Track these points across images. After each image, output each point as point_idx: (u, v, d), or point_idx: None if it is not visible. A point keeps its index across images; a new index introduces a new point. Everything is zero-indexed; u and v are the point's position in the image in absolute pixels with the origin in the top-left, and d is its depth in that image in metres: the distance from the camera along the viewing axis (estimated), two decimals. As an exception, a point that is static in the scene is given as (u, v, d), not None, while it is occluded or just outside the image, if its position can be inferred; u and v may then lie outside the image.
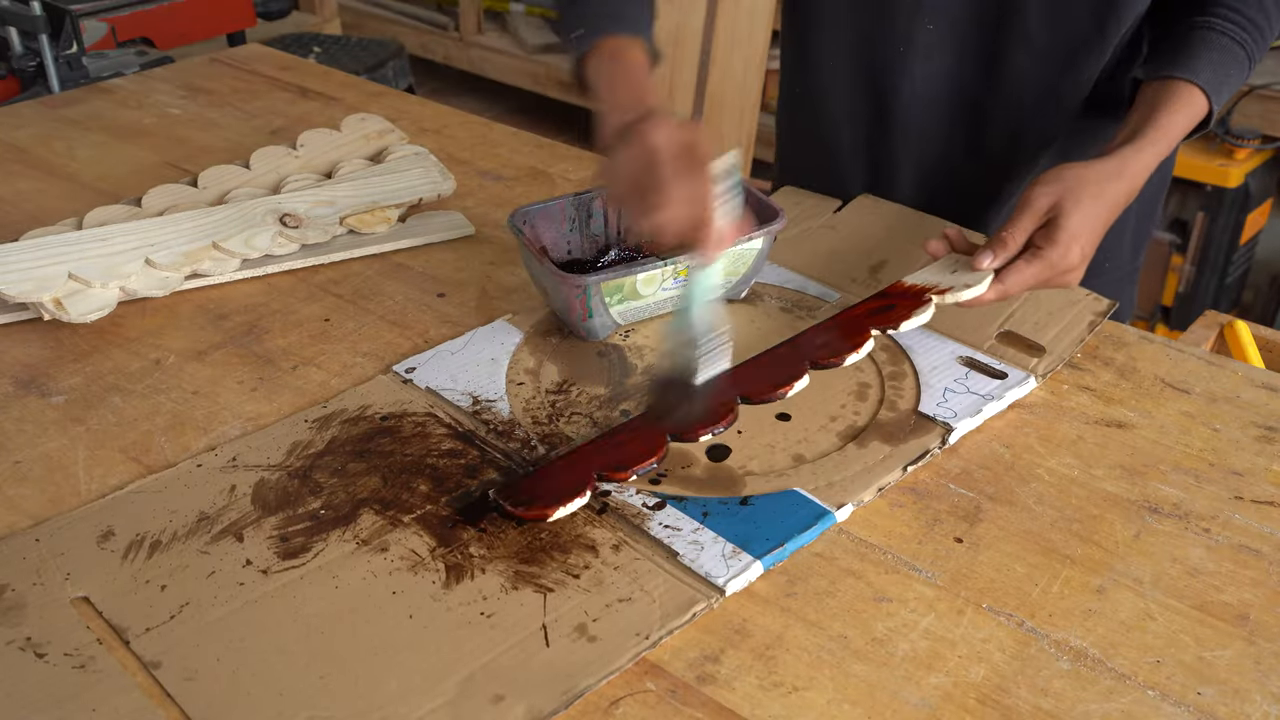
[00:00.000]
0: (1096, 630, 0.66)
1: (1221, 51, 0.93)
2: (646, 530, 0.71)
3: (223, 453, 0.78)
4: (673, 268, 0.88)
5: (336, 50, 2.73)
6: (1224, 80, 0.92)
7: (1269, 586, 0.69)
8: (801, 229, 1.06)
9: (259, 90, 1.41)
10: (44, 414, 0.82)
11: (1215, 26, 0.93)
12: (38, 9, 1.83)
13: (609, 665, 0.62)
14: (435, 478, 0.76)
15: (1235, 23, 0.93)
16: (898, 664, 0.63)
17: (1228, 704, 0.61)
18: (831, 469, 0.77)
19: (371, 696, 0.60)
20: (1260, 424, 0.83)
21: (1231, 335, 1.37)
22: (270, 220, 1.02)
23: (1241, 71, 0.94)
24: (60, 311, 0.90)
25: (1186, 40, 0.94)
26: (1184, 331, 1.47)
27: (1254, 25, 0.94)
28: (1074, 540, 0.72)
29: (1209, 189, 2.46)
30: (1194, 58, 0.92)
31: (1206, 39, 0.93)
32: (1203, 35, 0.93)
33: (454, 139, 1.28)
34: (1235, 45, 0.93)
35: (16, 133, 1.28)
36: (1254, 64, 0.95)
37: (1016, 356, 0.88)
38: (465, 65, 3.79)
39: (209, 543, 0.70)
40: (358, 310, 0.95)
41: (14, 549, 0.69)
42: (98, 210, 1.05)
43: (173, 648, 0.63)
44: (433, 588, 0.67)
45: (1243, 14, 0.93)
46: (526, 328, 0.92)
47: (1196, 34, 0.94)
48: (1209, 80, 0.91)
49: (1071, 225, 0.84)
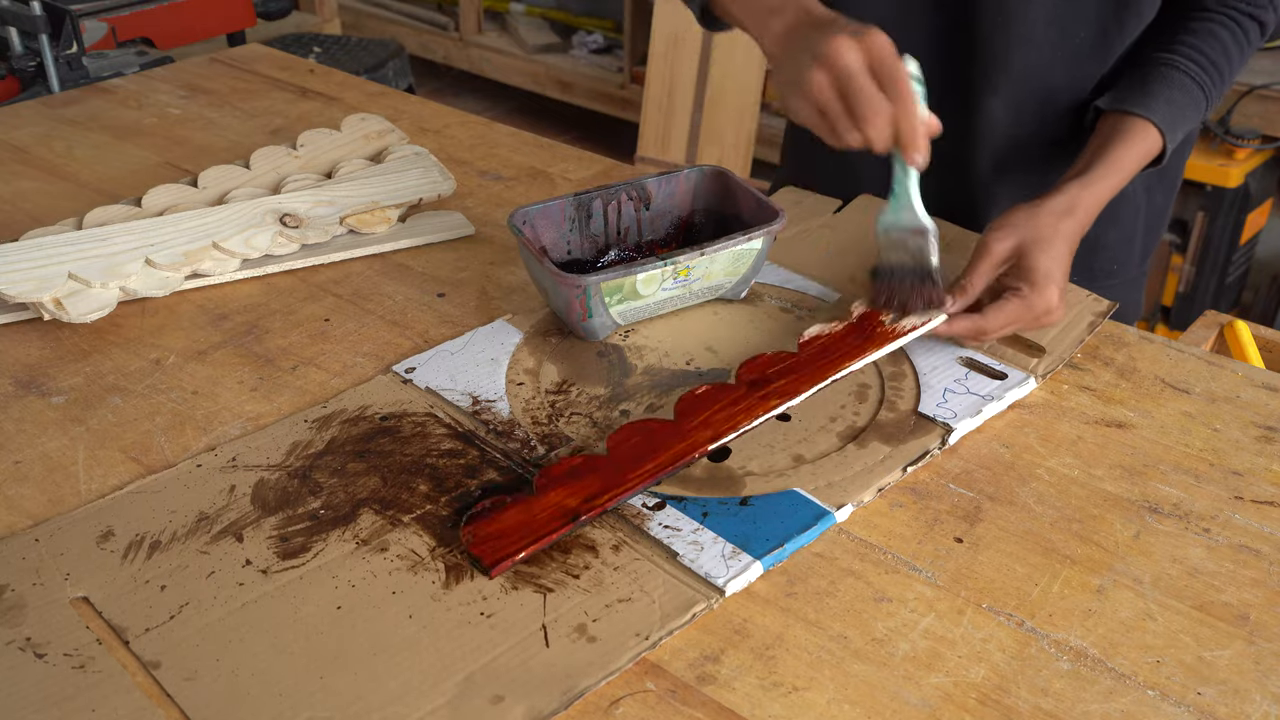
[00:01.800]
0: (1096, 630, 0.66)
1: (1181, 91, 0.94)
2: (646, 530, 0.71)
3: (222, 453, 0.78)
4: (672, 268, 0.88)
5: (336, 50, 2.73)
6: (1179, 119, 0.94)
7: (1269, 586, 0.69)
8: (801, 229, 1.06)
9: (259, 90, 1.41)
10: (44, 414, 0.82)
11: (1177, 65, 0.94)
12: (38, 9, 1.83)
13: (609, 665, 0.62)
14: (435, 478, 0.76)
15: (1197, 63, 0.94)
16: (898, 664, 0.63)
17: (1228, 704, 0.61)
18: (831, 469, 0.77)
19: (371, 697, 0.60)
20: (1260, 424, 0.83)
21: (1231, 335, 1.37)
22: (270, 220, 1.02)
23: (1197, 112, 0.95)
24: (60, 311, 0.90)
25: (1147, 76, 0.95)
26: (1184, 331, 1.47)
27: (1214, 68, 0.95)
28: (1074, 540, 0.72)
29: (1209, 189, 2.46)
30: (1152, 95, 0.93)
31: (1168, 77, 0.94)
32: (1164, 73, 0.94)
33: (454, 139, 1.28)
34: (1194, 86, 0.94)
35: (16, 133, 1.28)
36: (1210, 106, 0.96)
37: (1016, 357, 0.88)
38: (465, 65, 3.79)
39: (209, 543, 0.70)
40: (358, 310, 0.95)
41: (14, 549, 0.69)
42: (98, 210, 1.05)
43: (172, 648, 0.63)
44: (432, 588, 0.67)
45: (1206, 55, 0.94)
46: (526, 328, 0.92)
47: (1158, 70, 0.95)
48: (1164, 118, 0.92)
49: (1043, 267, 0.85)
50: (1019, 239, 0.86)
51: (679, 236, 1.00)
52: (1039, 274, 0.85)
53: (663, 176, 0.98)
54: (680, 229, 1.00)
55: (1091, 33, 0.97)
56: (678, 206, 0.99)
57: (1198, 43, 0.95)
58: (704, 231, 1.00)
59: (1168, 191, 1.12)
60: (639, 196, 0.97)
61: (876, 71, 0.78)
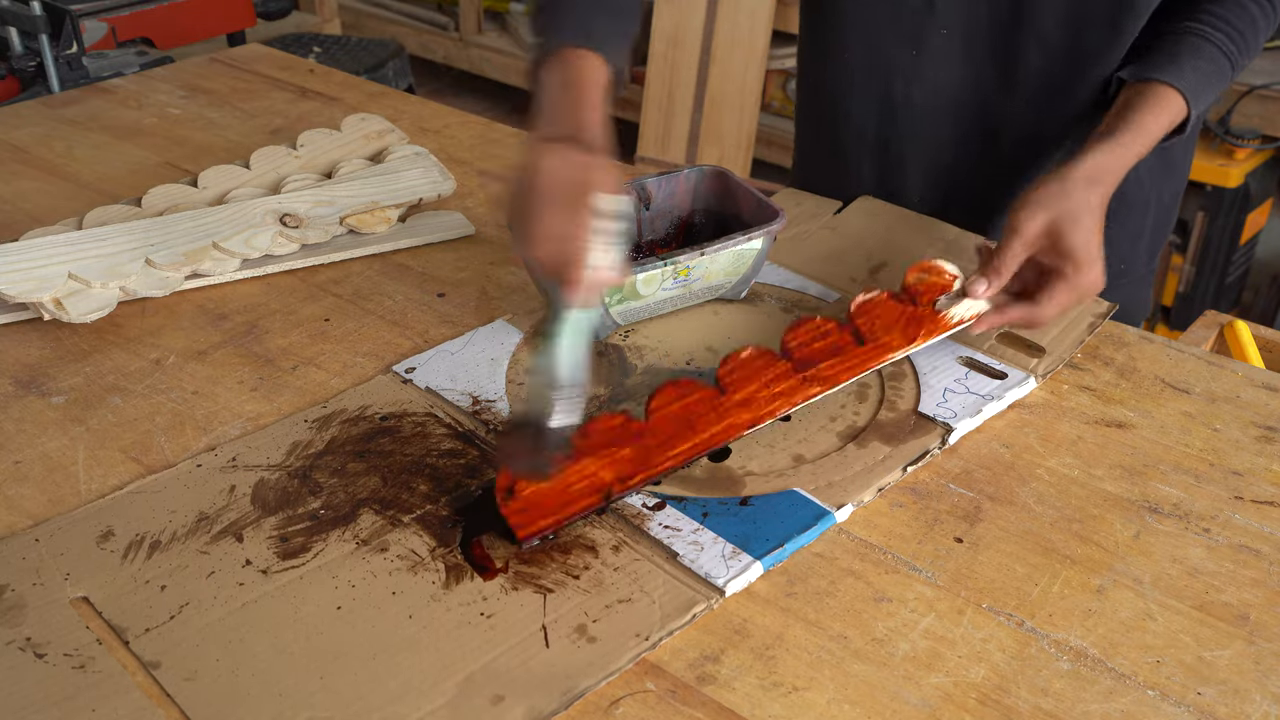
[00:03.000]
0: (1096, 630, 0.66)
1: (1207, 60, 0.93)
2: (646, 531, 0.71)
3: (222, 453, 0.78)
4: (672, 268, 0.88)
5: (336, 50, 2.73)
6: (1205, 87, 0.92)
7: (1269, 586, 0.69)
8: (801, 229, 1.06)
9: (259, 90, 1.41)
10: (44, 414, 0.82)
11: (1203, 34, 0.93)
12: (38, 9, 1.83)
13: (609, 666, 0.62)
14: (435, 478, 0.76)
15: (1223, 31, 0.93)
16: (898, 664, 0.63)
17: (1228, 704, 0.61)
18: (831, 469, 0.77)
19: (371, 697, 0.60)
20: (1260, 424, 0.83)
21: (1231, 335, 1.37)
22: (270, 220, 1.02)
23: (1223, 81, 0.94)
24: (60, 311, 0.90)
25: (1173, 44, 0.94)
26: (1184, 331, 1.47)
27: (1240, 36, 0.93)
28: (1074, 540, 0.72)
29: (1209, 189, 2.46)
30: (1179, 63, 0.92)
31: (1194, 45, 0.93)
32: (1191, 42, 0.93)
33: (454, 139, 1.28)
34: (1220, 55, 0.93)
35: (16, 133, 1.28)
36: (1235, 74, 0.95)
37: (1016, 357, 0.88)
38: (465, 65, 3.79)
39: (209, 543, 0.70)
40: (358, 310, 0.95)
41: (14, 549, 0.69)
42: (98, 210, 1.05)
43: (172, 648, 0.63)
44: (432, 588, 0.67)
45: (1231, 24, 0.93)
46: (526, 328, 0.92)
47: (1185, 39, 0.94)
48: (1190, 85, 0.91)
49: (1083, 244, 0.83)
50: (1050, 216, 0.84)
51: (679, 236, 1.00)
52: (1080, 252, 0.83)
53: (663, 176, 0.98)
54: (680, 229, 1.00)
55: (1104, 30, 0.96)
56: (678, 206, 0.99)
57: (1225, 12, 0.93)
58: (704, 231, 1.00)
59: (1175, 190, 1.11)
60: (639, 196, 0.97)
61: (562, 191, 0.71)
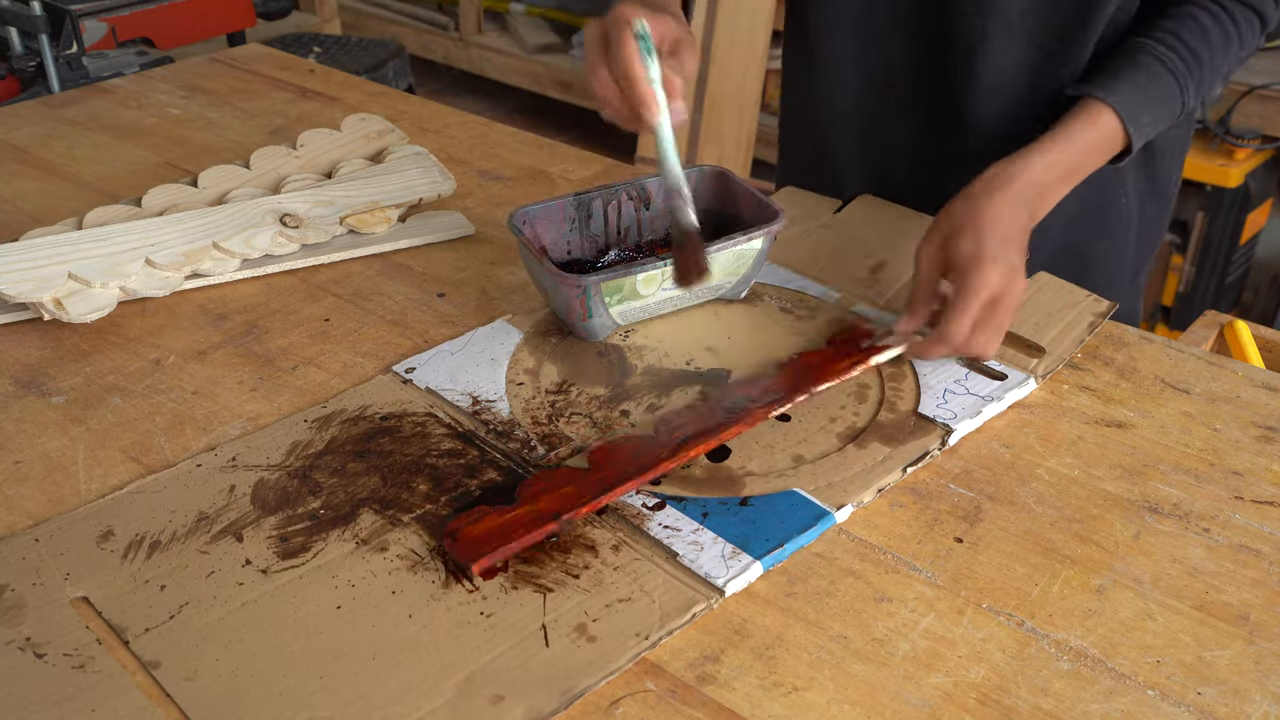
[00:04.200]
0: (1096, 630, 0.66)
1: (1149, 76, 0.91)
2: (646, 531, 0.71)
3: (222, 453, 0.78)
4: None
5: (336, 50, 2.73)
6: (1144, 104, 0.90)
7: (1269, 586, 0.69)
8: (801, 229, 1.06)
9: (259, 90, 1.41)
10: (44, 414, 0.82)
11: (1150, 50, 0.92)
12: (38, 9, 1.83)
13: (609, 665, 0.62)
14: (435, 478, 0.76)
15: (1173, 49, 0.91)
16: (898, 664, 0.63)
17: (1228, 704, 0.61)
18: (831, 470, 0.77)
19: (371, 697, 0.60)
20: (1260, 424, 0.83)
21: (1231, 335, 1.37)
22: (270, 220, 1.02)
23: (1170, 101, 0.92)
24: (60, 311, 0.90)
25: (1115, 60, 0.93)
26: (1184, 331, 1.47)
27: (1193, 56, 0.91)
28: (1074, 540, 0.72)
29: (1209, 189, 2.46)
30: (1116, 78, 0.91)
31: (1136, 61, 0.91)
32: (1133, 58, 0.92)
33: (454, 139, 1.28)
34: (1165, 72, 0.91)
35: (16, 133, 1.28)
36: (1190, 94, 0.92)
37: (1016, 357, 0.88)
38: (465, 65, 3.79)
39: (208, 543, 0.70)
40: (358, 310, 0.95)
41: (14, 549, 0.69)
42: (98, 210, 1.05)
43: (172, 648, 0.63)
44: (432, 587, 0.67)
45: (1184, 43, 0.91)
46: (526, 328, 0.92)
47: (1127, 56, 0.92)
48: (1123, 101, 0.89)
49: (965, 250, 0.82)
50: (942, 236, 0.84)
51: (679, 236, 1.00)
52: (964, 258, 0.82)
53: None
54: (680, 229, 1.00)
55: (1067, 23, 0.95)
56: (678, 206, 0.99)
57: (1175, 27, 0.92)
58: (704, 231, 0.99)
59: (1162, 204, 1.10)
60: (639, 196, 0.97)
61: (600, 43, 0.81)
